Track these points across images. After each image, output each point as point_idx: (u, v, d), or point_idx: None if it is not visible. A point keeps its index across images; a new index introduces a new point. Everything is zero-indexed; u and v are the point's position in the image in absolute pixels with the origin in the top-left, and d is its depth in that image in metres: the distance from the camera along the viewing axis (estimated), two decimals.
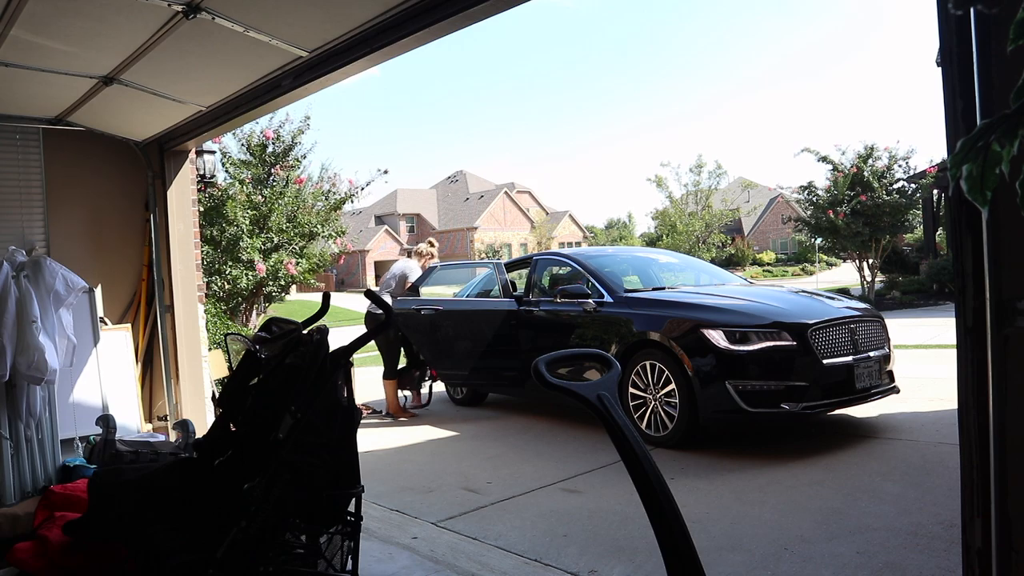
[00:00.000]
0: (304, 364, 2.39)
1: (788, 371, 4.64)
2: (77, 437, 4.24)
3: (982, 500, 1.57)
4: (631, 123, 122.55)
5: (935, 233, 19.84)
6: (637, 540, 3.25)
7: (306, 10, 3.17)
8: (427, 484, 4.48)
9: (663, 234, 32.55)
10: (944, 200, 18.01)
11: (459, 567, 3.04)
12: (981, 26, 1.48)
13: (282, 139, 10.67)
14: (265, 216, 10.01)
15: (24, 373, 3.46)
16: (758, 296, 5.44)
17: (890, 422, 5.17)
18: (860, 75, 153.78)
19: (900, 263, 21.32)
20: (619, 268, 6.37)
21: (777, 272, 39.04)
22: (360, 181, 11.32)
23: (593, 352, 1.99)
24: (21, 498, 3.54)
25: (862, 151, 17.72)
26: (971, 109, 1.52)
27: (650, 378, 5.05)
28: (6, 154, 4.63)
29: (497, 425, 6.28)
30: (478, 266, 7.44)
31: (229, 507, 2.31)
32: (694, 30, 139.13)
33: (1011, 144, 0.94)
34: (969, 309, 1.57)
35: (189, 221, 5.31)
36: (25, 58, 3.58)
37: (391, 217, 54.97)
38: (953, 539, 2.94)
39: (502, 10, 2.96)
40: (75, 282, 3.97)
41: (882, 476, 3.96)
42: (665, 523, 1.50)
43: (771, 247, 49.60)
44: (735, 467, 4.40)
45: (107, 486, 2.79)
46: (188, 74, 3.95)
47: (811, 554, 3.00)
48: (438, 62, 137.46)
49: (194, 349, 5.25)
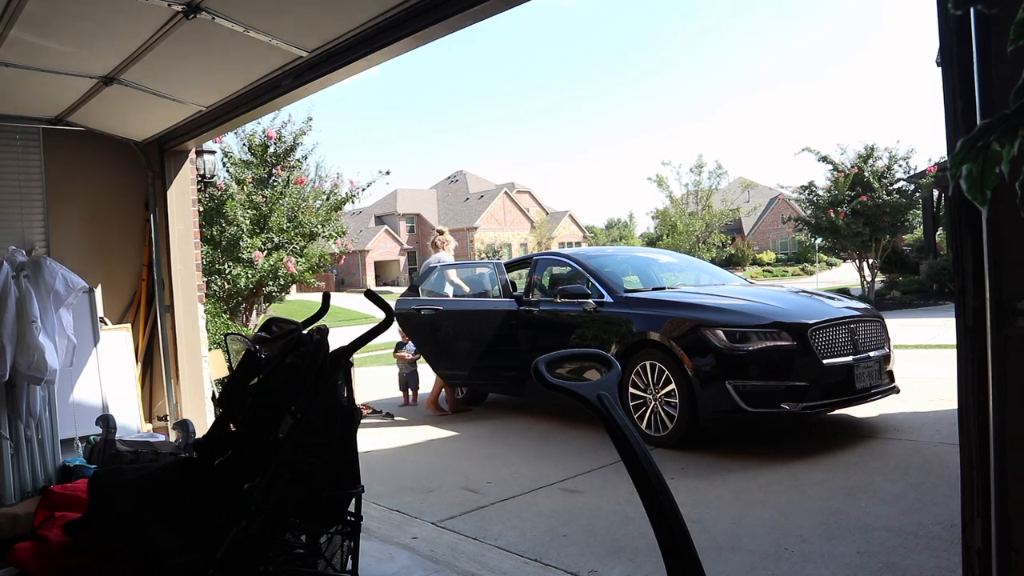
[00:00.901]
0: (304, 364, 2.39)
1: (788, 371, 4.64)
2: (77, 437, 4.24)
3: (982, 500, 1.57)
4: (631, 123, 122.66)
5: (935, 233, 19.84)
6: (637, 540, 3.25)
7: (306, 10, 3.17)
8: (427, 484, 4.48)
9: (663, 234, 32.55)
10: (944, 200, 18.00)
11: (459, 567, 3.04)
12: (981, 26, 1.48)
13: (283, 140, 10.68)
14: (266, 216, 10.01)
15: (24, 373, 3.46)
16: (758, 296, 5.44)
17: (890, 422, 5.17)
18: (860, 75, 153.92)
19: (900, 263, 21.31)
20: (619, 268, 6.37)
21: (777, 272, 39.03)
22: (361, 182, 11.36)
23: (593, 352, 1.99)
24: (21, 498, 3.54)
25: (862, 151, 17.73)
26: (971, 109, 1.52)
27: (650, 378, 5.05)
28: (6, 154, 4.63)
29: (497, 425, 6.28)
30: (478, 266, 7.43)
31: (229, 507, 2.31)
32: (694, 30, 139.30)
33: (1011, 144, 0.94)
34: (969, 309, 1.57)
35: (189, 221, 5.31)
36: (25, 58, 3.58)
37: (391, 217, 54.96)
38: (953, 539, 2.94)
39: (502, 10, 2.96)
40: (75, 282, 3.97)
41: (882, 476, 3.96)
42: (665, 523, 1.50)
43: (771, 247, 49.59)
44: (735, 467, 4.40)
45: (107, 486, 2.79)
46: (188, 74, 3.96)
47: (811, 554, 3.00)
48: (438, 62, 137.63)
49: (194, 349, 5.25)
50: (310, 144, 15.45)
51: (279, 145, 10.63)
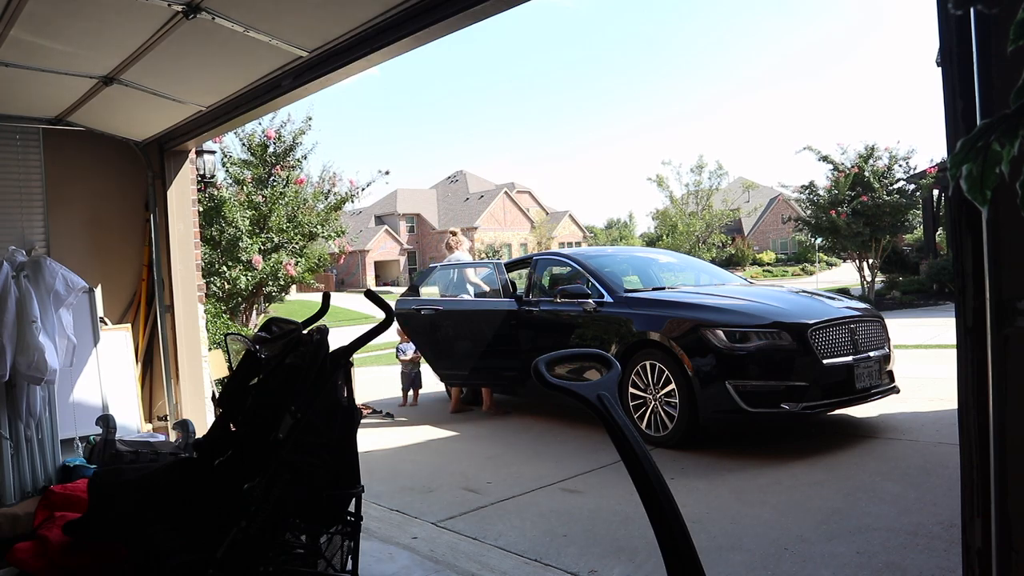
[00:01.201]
0: (304, 364, 2.39)
1: (788, 371, 4.64)
2: (77, 437, 4.24)
3: (982, 500, 1.57)
4: (631, 123, 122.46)
5: (935, 233, 19.84)
6: (637, 540, 3.25)
7: (306, 10, 3.17)
8: (427, 484, 4.48)
9: (663, 234, 32.56)
10: (944, 200, 18.00)
11: (459, 567, 3.04)
12: (981, 26, 1.48)
13: (283, 139, 10.67)
14: (265, 216, 10.00)
15: (24, 373, 3.46)
16: (758, 296, 5.44)
17: (890, 422, 5.17)
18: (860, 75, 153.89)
19: (900, 263, 21.31)
20: (619, 268, 6.37)
21: (777, 272, 39.02)
22: (361, 181, 11.35)
23: (593, 352, 1.99)
24: (21, 498, 3.54)
25: (863, 151, 17.73)
26: (971, 109, 1.52)
27: (650, 378, 5.05)
28: (6, 154, 4.63)
29: (497, 425, 6.28)
30: (478, 266, 7.43)
31: (229, 507, 2.31)
32: (694, 30, 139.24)
33: (1011, 144, 0.94)
34: (969, 309, 1.57)
35: (189, 221, 5.31)
36: (25, 58, 3.58)
37: (391, 217, 54.95)
38: (953, 539, 2.94)
39: (502, 10, 2.96)
40: (75, 282, 3.97)
41: (882, 476, 3.96)
42: (665, 523, 1.50)
43: (771, 247, 49.58)
44: (735, 467, 4.40)
45: (107, 486, 2.79)
46: (188, 74, 3.96)
47: (811, 554, 3.00)
48: (438, 62, 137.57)
49: (194, 349, 5.25)
50: (309, 144, 15.39)
51: (279, 144, 10.64)
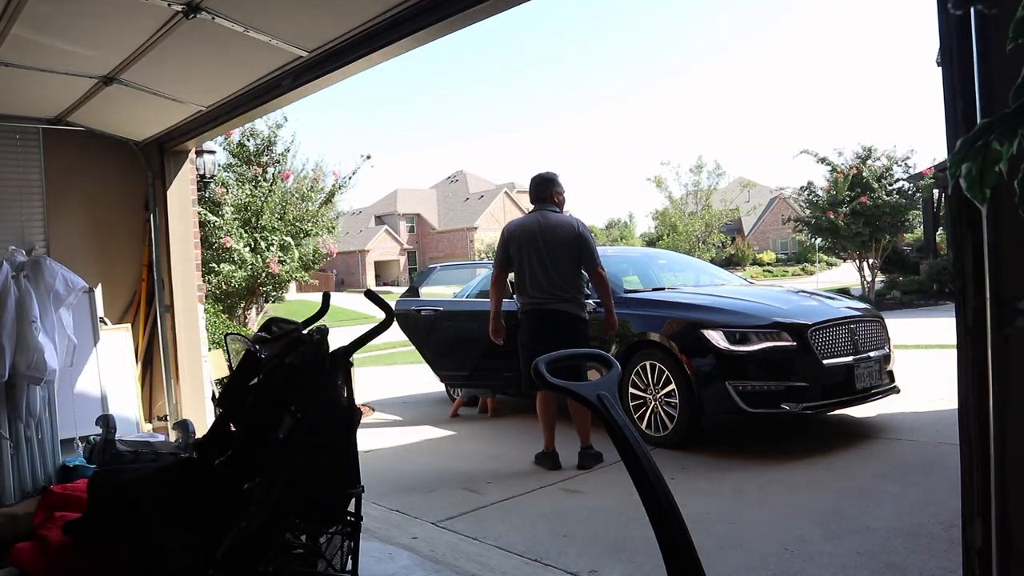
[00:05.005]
0: (304, 364, 2.38)
1: (788, 371, 4.64)
2: (77, 437, 4.23)
3: (982, 500, 1.57)
4: (631, 123, 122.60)
5: (935, 233, 19.84)
6: (637, 540, 3.25)
7: (306, 10, 3.17)
8: (427, 484, 4.48)
9: (663, 234, 32.52)
10: (944, 200, 18.00)
11: (459, 567, 3.04)
12: (981, 26, 1.48)
13: (257, 132, 10.32)
14: (256, 214, 9.89)
15: (24, 373, 3.46)
16: (758, 296, 5.44)
17: (890, 422, 5.17)
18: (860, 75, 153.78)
19: (900, 263, 21.31)
20: (619, 268, 6.36)
21: (777, 272, 39.03)
22: (345, 172, 10.97)
23: (593, 352, 1.99)
24: (21, 498, 3.54)
25: (860, 151, 17.74)
26: (971, 109, 1.52)
27: (650, 378, 5.05)
28: (6, 154, 4.63)
29: (497, 425, 6.28)
30: (478, 266, 7.43)
31: (229, 507, 2.31)
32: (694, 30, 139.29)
33: (1011, 143, 0.94)
34: (969, 309, 1.57)
35: (189, 221, 5.31)
36: (25, 58, 3.58)
37: (391, 217, 54.96)
38: (953, 539, 2.94)
39: (502, 10, 2.97)
40: (75, 282, 3.97)
41: (882, 476, 3.96)
42: (665, 523, 1.50)
43: (771, 247, 49.56)
44: (735, 467, 4.39)
45: (107, 486, 2.78)
46: (188, 74, 3.96)
47: (811, 554, 3.00)
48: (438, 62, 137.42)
49: (194, 349, 5.25)
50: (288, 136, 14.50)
51: (257, 140, 10.31)
